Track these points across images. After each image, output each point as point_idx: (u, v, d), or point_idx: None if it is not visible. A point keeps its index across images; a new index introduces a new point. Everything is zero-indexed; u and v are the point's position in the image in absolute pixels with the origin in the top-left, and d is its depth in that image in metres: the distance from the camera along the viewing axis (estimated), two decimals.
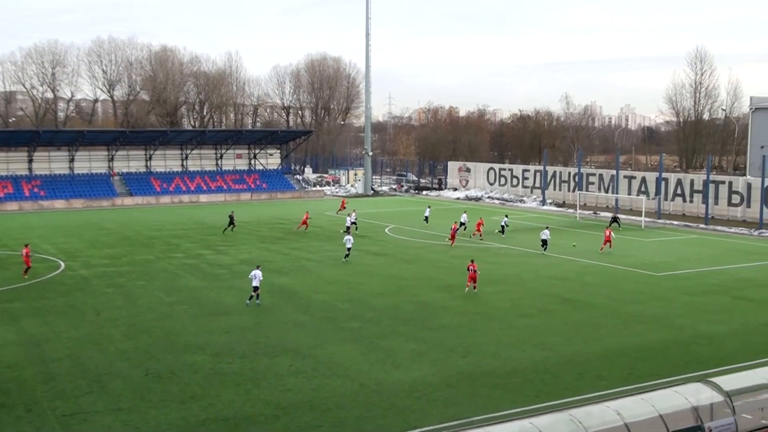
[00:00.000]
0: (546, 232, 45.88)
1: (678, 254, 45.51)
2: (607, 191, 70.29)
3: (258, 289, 30.53)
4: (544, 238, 45.24)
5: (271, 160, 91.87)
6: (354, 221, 53.06)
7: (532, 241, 48.58)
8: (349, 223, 52.06)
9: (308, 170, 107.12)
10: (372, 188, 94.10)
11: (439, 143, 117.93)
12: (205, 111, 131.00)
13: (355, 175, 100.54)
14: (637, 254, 44.91)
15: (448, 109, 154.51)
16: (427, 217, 58.61)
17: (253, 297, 30.58)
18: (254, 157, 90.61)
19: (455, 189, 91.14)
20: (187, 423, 18.46)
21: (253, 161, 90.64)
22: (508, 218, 55.03)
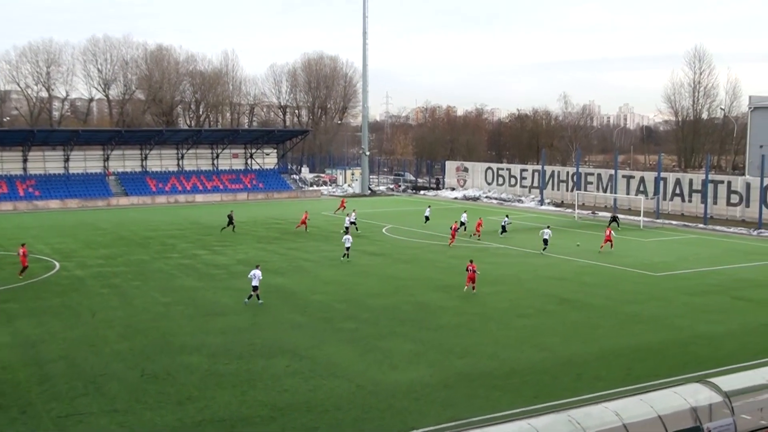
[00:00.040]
0: (547, 231, 45.84)
1: (677, 254, 45.44)
2: (605, 191, 70.25)
3: (258, 288, 30.46)
4: (545, 238, 45.23)
5: (267, 159, 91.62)
6: (354, 221, 52.98)
7: (531, 241, 48.50)
8: (348, 222, 51.94)
9: (305, 170, 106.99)
10: (369, 188, 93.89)
11: (436, 143, 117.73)
12: (201, 110, 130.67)
13: (352, 174, 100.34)
14: (635, 254, 44.83)
15: (445, 109, 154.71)
16: (428, 217, 58.59)
17: (253, 296, 30.51)
18: (251, 156, 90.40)
19: (453, 189, 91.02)
20: (183, 424, 18.35)
21: (249, 161, 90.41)
22: (509, 218, 54.75)
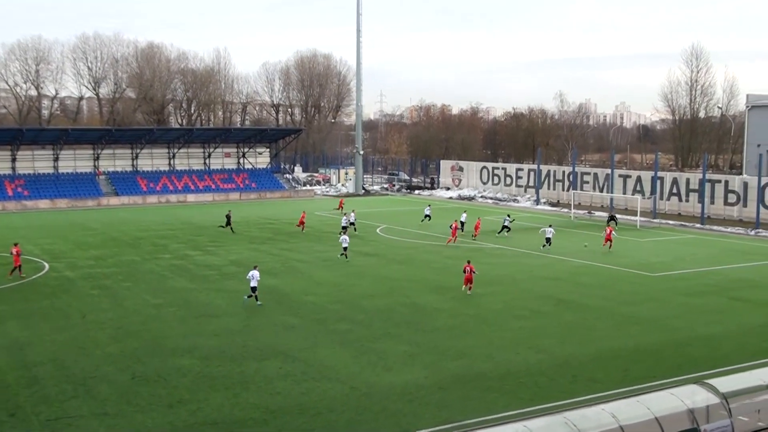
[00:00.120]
0: (550, 229, 45.72)
1: (674, 254, 45.32)
2: (602, 190, 70.07)
3: (256, 289, 30.26)
4: (548, 236, 45.07)
5: (260, 159, 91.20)
6: (353, 221, 52.75)
7: (526, 242, 48.33)
8: (345, 223, 51.59)
9: (298, 169, 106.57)
10: (363, 187, 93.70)
11: (431, 142, 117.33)
12: (192, 109, 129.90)
13: (346, 174, 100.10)
14: (632, 254, 44.69)
15: (440, 107, 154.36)
16: (429, 216, 58.41)
17: (252, 296, 30.34)
18: (243, 155, 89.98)
19: (448, 188, 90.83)
20: (174, 428, 18.13)
21: (241, 160, 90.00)
22: (510, 217, 53.29)
